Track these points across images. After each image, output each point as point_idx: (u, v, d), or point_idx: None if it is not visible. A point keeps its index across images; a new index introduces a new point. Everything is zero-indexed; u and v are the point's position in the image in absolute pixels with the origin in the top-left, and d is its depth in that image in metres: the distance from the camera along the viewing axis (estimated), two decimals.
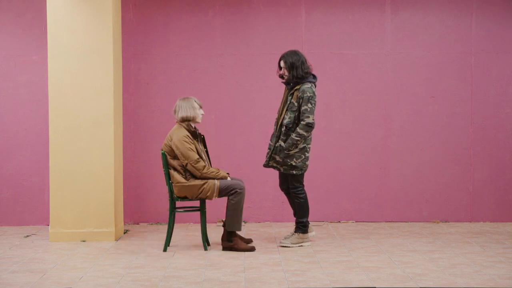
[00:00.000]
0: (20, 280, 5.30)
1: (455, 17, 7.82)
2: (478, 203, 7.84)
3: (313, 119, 6.33)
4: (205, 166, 6.27)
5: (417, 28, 7.81)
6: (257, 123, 7.76)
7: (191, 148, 6.24)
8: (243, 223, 7.76)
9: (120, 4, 7.19)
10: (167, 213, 7.75)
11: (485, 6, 7.80)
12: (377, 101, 7.83)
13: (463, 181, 7.83)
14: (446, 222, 7.83)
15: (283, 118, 6.42)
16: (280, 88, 7.75)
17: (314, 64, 7.76)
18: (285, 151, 6.38)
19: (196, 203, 6.63)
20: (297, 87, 6.40)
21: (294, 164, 6.41)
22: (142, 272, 5.51)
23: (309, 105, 6.33)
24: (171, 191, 6.34)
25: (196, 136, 6.38)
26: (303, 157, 6.44)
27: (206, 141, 6.72)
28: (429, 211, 7.84)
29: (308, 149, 6.47)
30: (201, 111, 6.42)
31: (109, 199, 6.80)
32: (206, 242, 6.39)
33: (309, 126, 6.33)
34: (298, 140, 6.35)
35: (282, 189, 6.69)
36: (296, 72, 6.38)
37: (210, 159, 6.68)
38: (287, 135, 6.40)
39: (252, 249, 6.29)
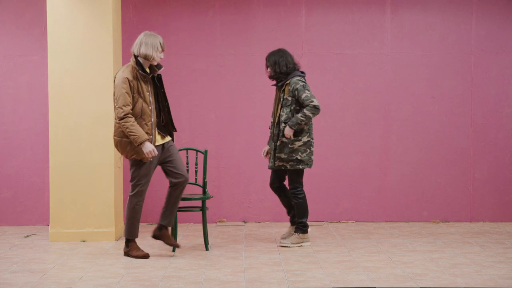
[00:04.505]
0: (20, 280, 5.30)
1: (455, 17, 7.82)
2: (478, 203, 7.84)
3: (317, 102, 6.36)
4: (124, 118, 5.83)
5: (417, 28, 7.81)
6: (257, 123, 7.76)
7: (126, 93, 5.87)
8: (242, 223, 7.77)
9: (120, 4, 7.19)
10: None
11: (485, 6, 7.80)
12: (377, 101, 7.83)
13: (463, 181, 7.83)
14: (446, 222, 7.83)
15: (280, 116, 6.42)
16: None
17: (314, 64, 7.77)
18: (288, 139, 6.37)
19: (198, 203, 6.62)
20: (287, 82, 6.42)
21: (300, 158, 6.41)
22: (142, 272, 5.51)
23: (307, 91, 6.36)
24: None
25: (145, 72, 5.96)
26: (308, 151, 6.45)
27: (163, 82, 6.23)
28: (429, 211, 7.84)
29: (312, 143, 6.49)
30: (161, 55, 6.01)
31: (109, 199, 6.80)
32: (207, 242, 6.39)
33: (316, 108, 6.33)
34: (302, 121, 6.32)
35: (273, 188, 6.66)
36: (279, 68, 6.42)
37: (169, 104, 6.21)
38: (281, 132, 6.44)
39: (146, 256, 6.04)
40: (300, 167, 6.43)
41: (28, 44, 7.67)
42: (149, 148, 5.89)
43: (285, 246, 6.47)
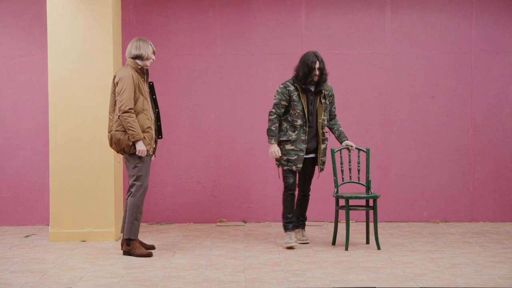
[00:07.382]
0: (20, 280, 5.30)
1: (455, 17, 7.82)
2: (478, 203, 7.84)
3: None
4: (128, 111, 5.94)
5: (417, 28, 7.81)
6: (257, 123, 7.76)
7: (131, 88, 5.96)
8: (243, 223, 7.76)
9: (120, 4, 7.19)
10: (167, 213, 7.75)
11: (485, 6, 7.80)
12: (377, 101, 7.83)
13: (463, 181, 7.83)
14: (446, 222, 7.83)
15: (323, 120, 6.52)
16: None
17: None
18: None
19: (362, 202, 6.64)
20: (325, 87, 6.52)
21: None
22: (142, 272, 5.51)
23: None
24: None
25: (144, 72, 6.12)
26: None
27: (155, 89, 6.42)
28: (429, 211, 7.84)
29: None
30: (153, 56, 6.14)
31: (109, 199, 6.80)
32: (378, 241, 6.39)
33: None
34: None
35: (303, 190, 6.71)
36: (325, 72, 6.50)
37: (159, 109, 6.33)
38: (324, 136, 6.56)
39: (149, 254, 6.05)
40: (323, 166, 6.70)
41: (28, 44, 7.67)
42: (142, 147, 6.01)
43: (308, 242, 6.63)
